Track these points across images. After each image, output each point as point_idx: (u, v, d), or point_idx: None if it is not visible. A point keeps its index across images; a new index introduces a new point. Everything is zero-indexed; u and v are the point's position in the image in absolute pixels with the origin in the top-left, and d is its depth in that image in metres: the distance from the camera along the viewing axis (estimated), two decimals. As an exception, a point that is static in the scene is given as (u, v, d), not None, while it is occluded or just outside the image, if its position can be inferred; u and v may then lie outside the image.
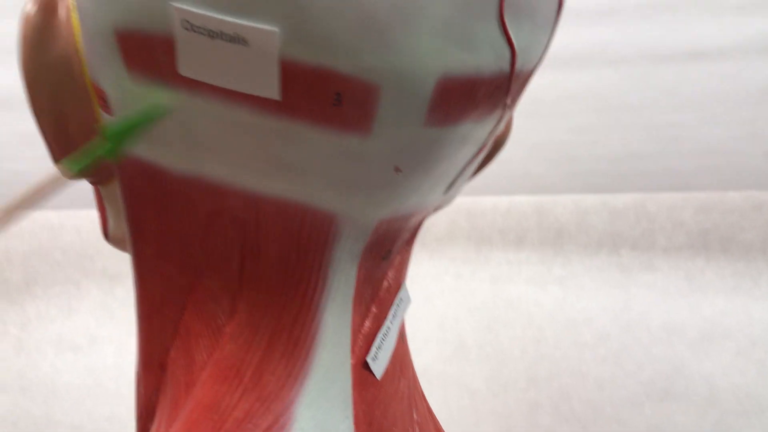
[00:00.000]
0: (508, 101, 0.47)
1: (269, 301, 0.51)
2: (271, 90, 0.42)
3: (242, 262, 0.51)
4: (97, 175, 0.53)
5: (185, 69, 0.42)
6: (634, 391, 1.42)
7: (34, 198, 0.45)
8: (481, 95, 0.44)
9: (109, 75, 0.45)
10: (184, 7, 0.40)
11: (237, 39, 0.40)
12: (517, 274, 1.97)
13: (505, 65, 0.44)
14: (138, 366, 0.55)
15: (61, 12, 0.48)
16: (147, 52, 0.42)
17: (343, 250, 0.51)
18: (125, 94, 0.45)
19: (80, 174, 0.50)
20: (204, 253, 0.51)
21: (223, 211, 0.49)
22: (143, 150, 0.48)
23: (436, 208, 0.57)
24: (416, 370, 1.71)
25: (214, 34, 0.40)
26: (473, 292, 1.84)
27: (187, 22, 0.40)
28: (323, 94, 0.41)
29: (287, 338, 0.51)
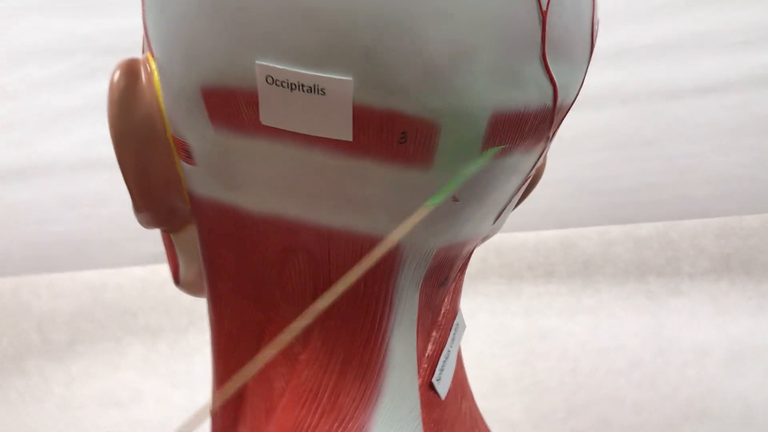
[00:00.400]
0: (551, 134, 0.51)
1: (341, 328, 0.54)
2: (345, 133, 0.45)
3: (315, 293, 0.54)
4: (172, 222, 0.56)
5: (267, 119, 0.46)
6: (671, 414, 1.46)
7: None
8: (528, 128, 0.49)
9: (193, 128, 0.50)
10: (268, 63, 0.44)
11: (315, 89, 0.44)
12: (548, 307, 1.99)
13: (549, 101, 0.48)
14: (213, 403, 0.54)
15: (144, 76, 0.52)
16: (230, 105, 0.46)
17: (406, 277, 0.54)
18: (209, 144, 0.49)
19: (152, 220, 0.56)
20: (279, 287, 0.54)
21: (297, 246, 0.52)
22: (223, 193, 0.52)
23: (484, 238, 0.61)
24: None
25: (294, 86, 0.44)
26: (507, 326, 1.87)
27: (270, 77, 0.44)
28: (391, 134, 0.46)
29: (359, 362, 0.54)
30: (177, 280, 0.63)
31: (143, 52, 0.58)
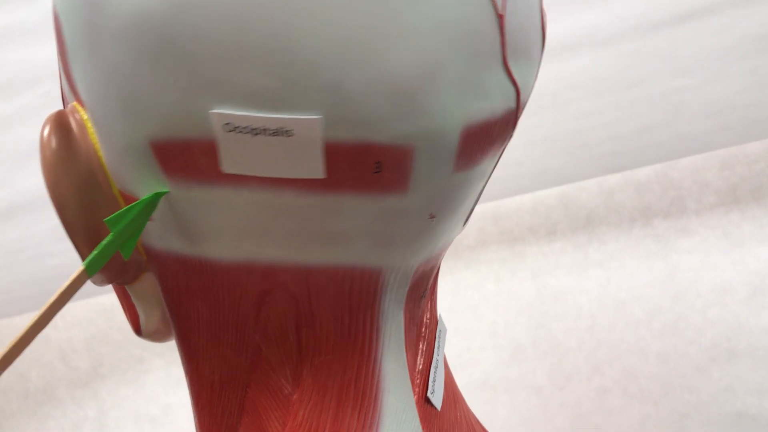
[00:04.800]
0: (513, 132, 0.52)
1: (331, 362, 0.53)
2: (317, 171, 0.44)
3: (298, 332, 0.53)
4: (126, 276, 0.53)
5: (229, 166, 0.44)
6: (698, 357, 1.44)
7: (62, 301, 0.47)
8: (496, 134, 0.49)
9: (145, 183, 0.47)
10: (225, 111, 0.41)
11: (281, 132, 0.42)
12: (555, 266, 2.00)
13: (512, 103, 0.49)
14: None
15: (76, 128, 0.49)
16: (186, 157, 0.44)
17: (389, 300, 0.54)
18: (167, 199, 0.47)
19: (105, 278, 0.52)
20: (259, 331, 0.53)
21: (274, 288, 0.51)
22: (185, 247, 0.50)
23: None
24: (478, 380, 1.74)
25: (257, 131, 0.42)
26: (516, 292, 1.88)
27: (228, 124, 0.42)
28: (365, 165, 0.45)
29: (354, 392, 0.53)
30: (138, 330, 0.60)
31: (65, 101, 0.54)
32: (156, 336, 0.59)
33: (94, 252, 0.47)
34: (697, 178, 1.48)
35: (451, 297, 2.22)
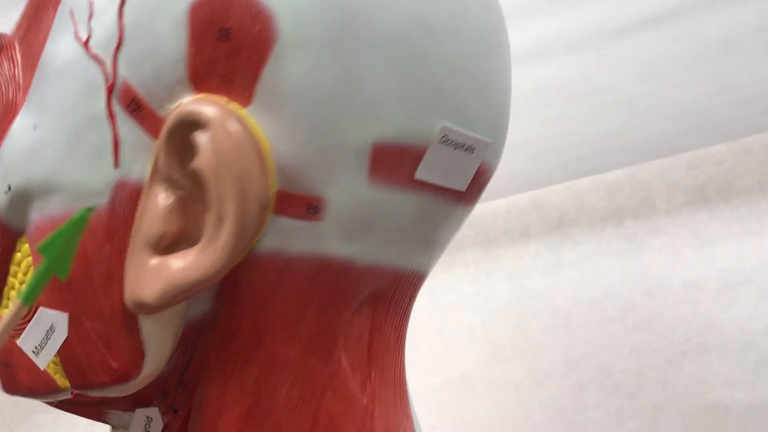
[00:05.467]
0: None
1: (389, 364, 0.57)
2: (464, 184, 0.53)
3: (371, 336, 0.55)
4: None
5: (422, 173, 0.50)
6: (670, 352, 1.48)
7: (2, 339, 0.46)
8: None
9: (341, 182, 0.47)
10: (450, 125, 0.49)
11: (470, 148, 0.51)
12: (530, 268, 2.04)
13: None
14: None
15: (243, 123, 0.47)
16: (396, 160, 0.48)
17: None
18: (356, 198, 0.48)
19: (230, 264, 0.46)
20: (343, 335, 0.53)
21: (376, 290, 0.54)
22: (338, 247, 0.49)
23: None
24: (458, 378, 1.76)
25: (458, 145, 0.50)
26: (492, 293, 1.91)
27: (445, 137, 0.49)
28: (480, 185, 0.56)
29: (402, 392, 0.58)
30: (132, 374, 0.51)
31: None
32: (149, 377, 0.52)
33: (31, 283, 0.45)
34: (666, 178, 1.53)
35: (430, 298, 2.25)
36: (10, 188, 0.50)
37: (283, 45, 0.46)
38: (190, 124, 0.46)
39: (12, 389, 0.55)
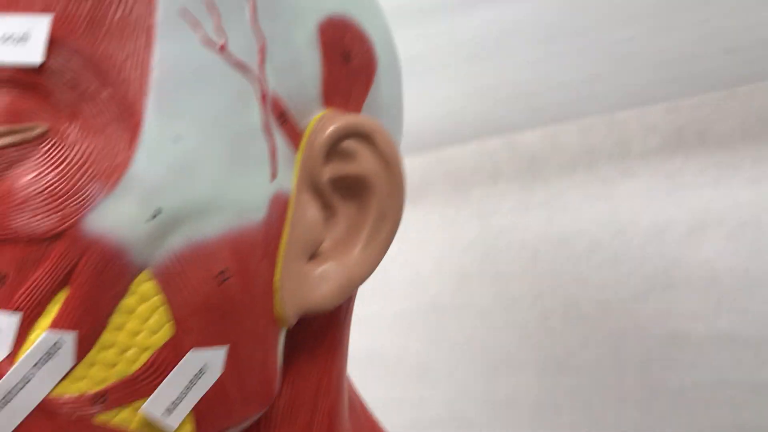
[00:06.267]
0: None
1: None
2: None
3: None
4: None
5: None
6: (636, 286, 1.53)
7: None
8: None
9: None
10: None
11: None
12: (499, 206, 2.07)
13: None
14: None
15: None
16: None
17: None
18: None
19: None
20: None
21: None
22: None
23: None
24: (426, 305, 1.82)
25: None
26: (461, 230, 1.95)
27: None
28: None
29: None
30: (275, 392, 0.50)
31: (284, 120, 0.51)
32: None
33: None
34: (643, 120, 1.57)
35: (399, 232, 2.29)
36: (160, 212, 0.42)
37: (380, 68, 0.55)
38: (350, 134, 0.50)
39: None
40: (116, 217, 0.41)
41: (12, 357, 0.40)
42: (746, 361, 1.46)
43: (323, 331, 0.54)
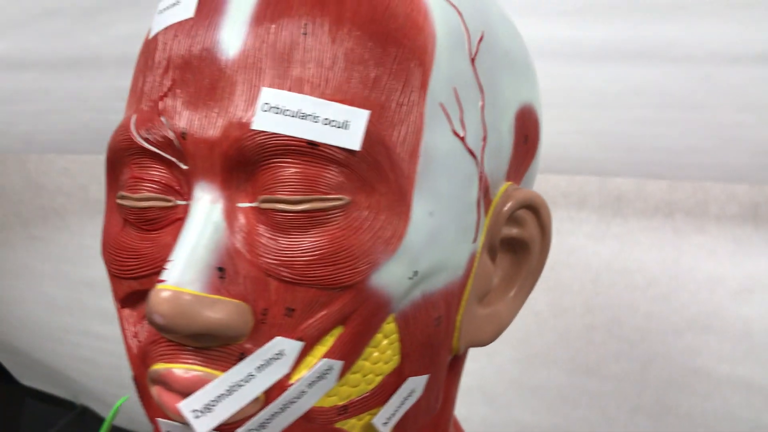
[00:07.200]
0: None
1: None
2: None
3: None
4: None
5: None
6: (677, 324, 1.64)
7: None
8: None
9: None
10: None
11: None
12: (577, 229, 2.14)
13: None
14: None
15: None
16: None
17: None
18: None
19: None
20: None
21: None
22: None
23: None
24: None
25: None
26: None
27: None
28: None
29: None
30: (439, 404, 0.63)
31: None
32: None
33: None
34: (726, 188, 1.66)
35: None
36: (416, 274, 0.50)
37: (540, 145, 0.62)
38: (524, 206, 0.58)
39: None
40: (390, 277, 0.48)
41: (289, 374, 0.48)
42: (756, 404, 1.55)
43: (461, 357, 0.63)
